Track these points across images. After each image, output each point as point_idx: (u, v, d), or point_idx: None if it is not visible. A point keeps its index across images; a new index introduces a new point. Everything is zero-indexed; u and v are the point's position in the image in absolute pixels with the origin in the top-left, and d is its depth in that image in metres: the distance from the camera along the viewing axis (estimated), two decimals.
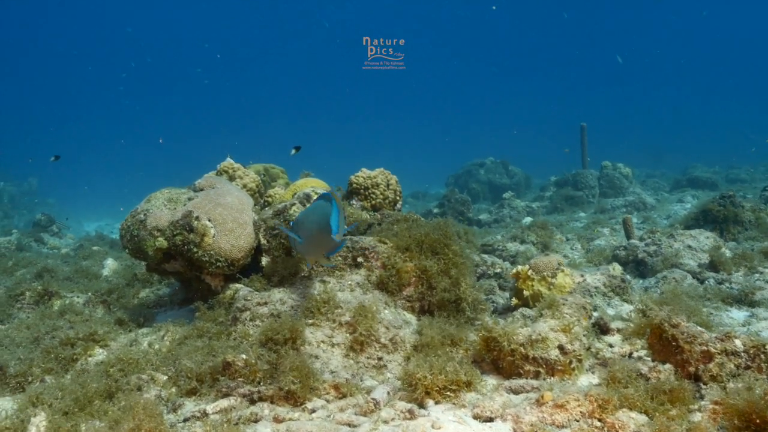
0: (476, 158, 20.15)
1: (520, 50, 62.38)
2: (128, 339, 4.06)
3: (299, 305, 3.60)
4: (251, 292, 3.77)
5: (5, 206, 20.15)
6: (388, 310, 3.70)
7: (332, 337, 3.37)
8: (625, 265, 5.89)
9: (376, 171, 4.94)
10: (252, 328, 3.48)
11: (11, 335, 4.20)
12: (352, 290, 3.78)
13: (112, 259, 7.48)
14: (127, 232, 4.23)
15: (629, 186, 14.30)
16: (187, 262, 4.18)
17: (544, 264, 4.24)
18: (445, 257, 3.97)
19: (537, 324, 3.13)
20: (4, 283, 6.43)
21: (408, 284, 3.92)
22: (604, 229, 8.57)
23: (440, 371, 2.81)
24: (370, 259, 3.97)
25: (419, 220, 4.46)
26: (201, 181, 4.60)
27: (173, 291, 5.31)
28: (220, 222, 4.07)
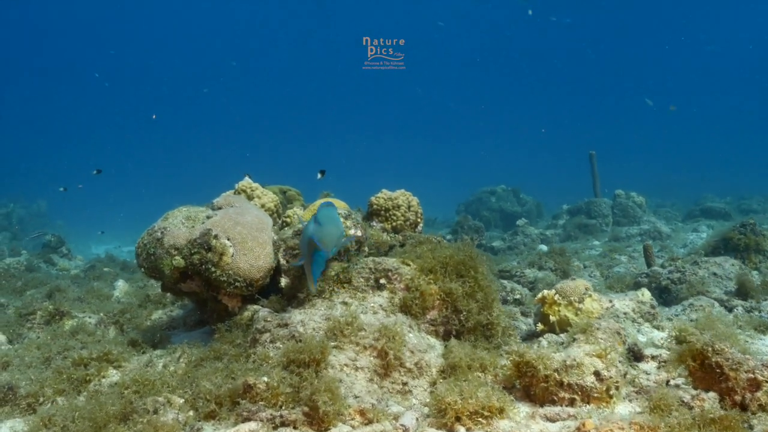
0: (487, 186, 20.09)
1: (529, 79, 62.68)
2: (142, 360, 3.95)
3: (321, 327, 3.48)
4: (271, 313, 3.66)
5: (14, 228, 20.14)
6: (413, 333, 3.58)
7: (356, 361, 3.25)
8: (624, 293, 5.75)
9: (397, 192, 4.85)
10: (272, 350, 3.36)
11: (22, 355, 4.10)
12: (375, 313, 3.66)
13: (123, 280, 7.38)
14: (144, 251, 4.14)
15: (643, 215, 14.17)
16: (204, 282, 4.08)
17: (571, 289, 4.12)
18: (470, 280, 3.86)
19: (571, 349, 3.00)
20: (14, 303, 6.34)
21: (432, 307, 3.80)
22: (622, 257, 8.44)
23: (471, 396, 2.69)
24: (393, 281, 3.86)
25: (442, 242, 4.35)
26: (219, 200, 4.52)
27: (186, 313, 5.20)
28: (239, 241, 3.97)
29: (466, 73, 64.75)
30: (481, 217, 17.96)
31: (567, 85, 62.57)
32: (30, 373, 3.63)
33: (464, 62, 63.90)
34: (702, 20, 54.69)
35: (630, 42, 58.43)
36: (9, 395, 3.19)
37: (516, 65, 61.40)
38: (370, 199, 4.88)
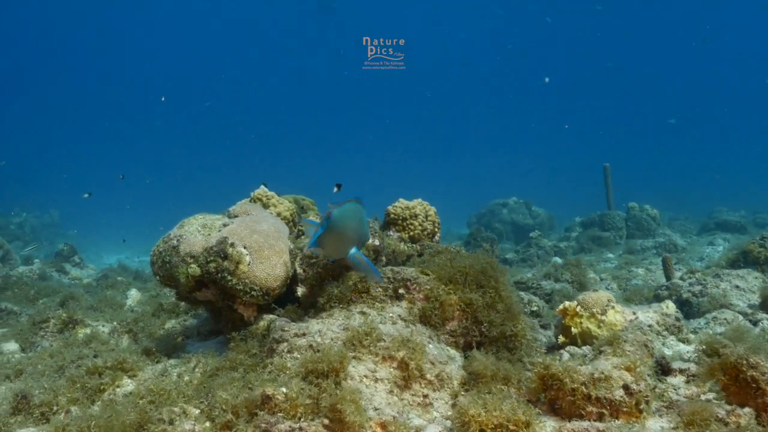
0: (499, 198, 20.02)
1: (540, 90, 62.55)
2: (156, 370, 3.89)
3: (339, 337, 3.41)
4: (288, 322, 3.59)
5: (27, 237, 20.23)
6: (433, 344, 3.50)
7: (375, 372, 3.17)
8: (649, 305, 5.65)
9: (415, 201, 4.79)
10: (290, 361, 3.29)
11: (35, 363, 4.05)
12: (394, 323, 3.59)
13: (136, 289, 7.34)
14: (159, 258, 4.09)
15: (657, 228, 14.03)
16: (219, 291, 4.02)
17: (594, 300, 4.03)
18: (491, 290, 3.78)
19: (598, 362, 2.92)
20: (27, 311, 6.31)
21: (452, 318, 3.73)
22: (639, 269, 8.33)
23: (495, 408, 2.60)
24: (411, 291, 3.79)
25: (461, 252, 4.28)
26: (235, 208, 4.47)
27: (200, 322, 5.14)
28: (255, 249, 3.92)
29: (477, 83, 64.83)
30: (492, 229, 17.87)
31: (579, 98, 62.45)
32: (43, 381, 3.58)
33: (475, 73, 63.96)
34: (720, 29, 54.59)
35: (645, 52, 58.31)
36: (22, 404, 3.14)
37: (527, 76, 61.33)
38: (387, 209, 4.82)
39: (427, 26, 59.70)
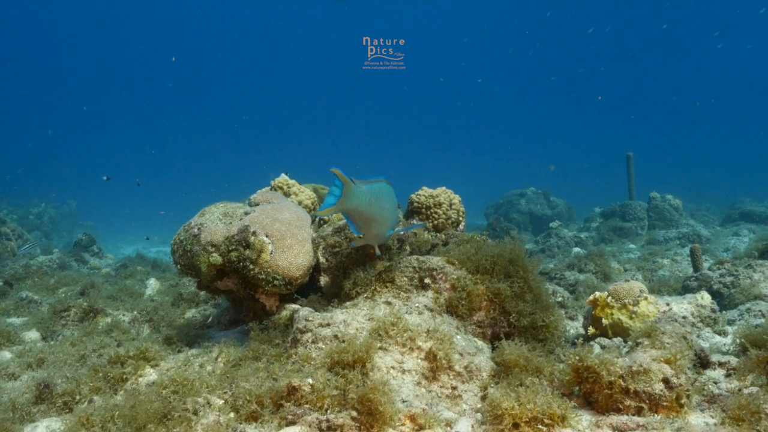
0: (516, 188, 19.84)
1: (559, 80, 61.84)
2: (178, 359, 3.83)
3: (365, 327, 3.33)
4: (312, 312, 3.51)
5: (46, 227, 20.37)
6: (460, 335, 3.41)
7: (403, 363, 3.09)
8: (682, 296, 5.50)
9: (439, 189, 4.69)
10: (314, 351, 3.21)
11: (56, 352, 4.01)
12: (420, 313, 3.50)
13: (155, 279, 7.31)
14: (180, 247, 4.03)
15: (679, 218, 13.79)
16: (241, 280, 3.95)
17: (625, 290, 3.91)
18: (519, 281, 3.68)
19: (636, 354, 2.80)
20: (47, 300, 6.29)
21: (479, 308, 3.63)
22: (664, 260, 8.16)
23: (529, 401, 2.51)
24: (438, 281, 3.69)
25: (487, 241, 4.17)
26: (256, 196, 4.40)
27: (221, 312, 5.09)
28: (278, 238, 3.84)
29: (494, 74, 64.25)
30: (510, 220, 17.71)
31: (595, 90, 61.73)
32: (65, 370, 3.54)
33: (493, 63, 63.37)
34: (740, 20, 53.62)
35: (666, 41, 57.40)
36: (45, 393, 3.09)
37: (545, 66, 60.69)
38: (410, 197, 4.72)
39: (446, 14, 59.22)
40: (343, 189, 3.32)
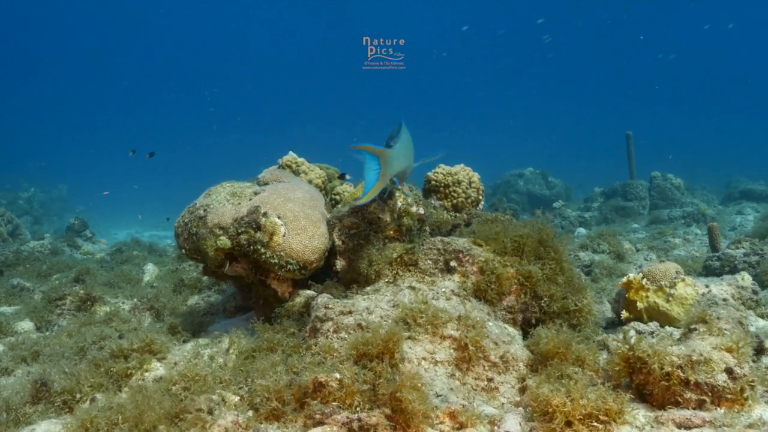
0: (514, 169, 19.60)
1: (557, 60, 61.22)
2: (184, 350, 3.57)
3: (390, 315, 3.08)
4: (331, 299, 3.26)
5: (36, 212, 19.97)
6: (492, 322, 3.16)
7: (434, 354, 2.84)
8: (720, 277, 5.29)
9: (457, 167, 4.42)
10: (337, 341, 2.96)
11: (52, 344, 3.75)
12: (448, 299, 3.26)
13: (153, 264, 7.03)
14: (184, 230, 3.75)
15: (681, 197, 13.60)
16: (251, 265, 3.69)
17: (661, 272, 3.68)
18: (551, 262, 3.44)
19: (693, 342, 2.57)
20: (40, 288, 6.01)
21: (509, 293, 3.38)
22: (675, 239, 7.95)
23: (582, 396, 2.27)
24: (464, 264, 3.44)
25: (512, 220, 3.92)
26: (265, 175, 4.12)
27: (226, 298, 4.82)
28: (291, 219, 3.57)
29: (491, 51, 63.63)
30: (509, 200, 17.48)
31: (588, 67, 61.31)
32: (63, 365, 3.28)
33: (487, 40, 62.70)
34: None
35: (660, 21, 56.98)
36: (42, 391, 2.82)
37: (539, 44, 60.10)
38: (427, 175, 4.46)
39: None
40: (379, 160, 3.13)
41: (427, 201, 4.13)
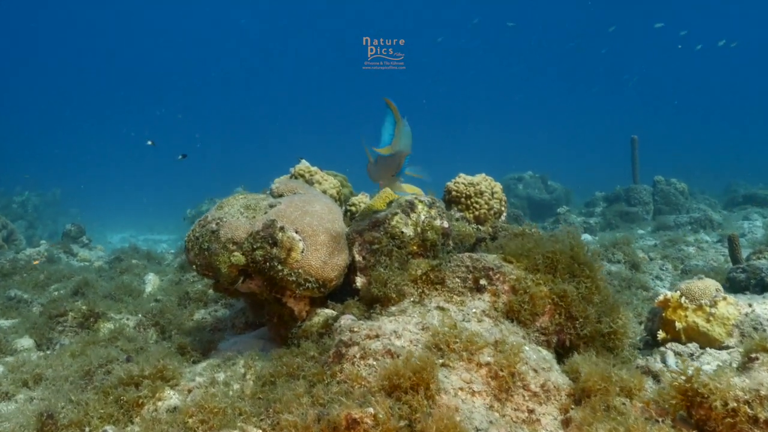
0: (513, 173, 19.45)
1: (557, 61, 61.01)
2: (195, 372, 3.36)
3: (419, 339, 2.88)
4: (355, 321, 3.05)
5: (30, 216, 19.66)
6: (528, 346, 2.96)
7: (471, 383, 2.63)
8: (746, 290, 5.11)
9: (478, 177, 4.23)
10: (364, 369, 2.74)
11: (55, 366, 3.52)
12: (479, 320, 3.05)
13: (153, 273, 6.80)
14: (195, 245, 3.54)
15: (685, 202, 13.46)
16: (266, 282, 3.48)
17: (700, 290, 3.49)
18: (586, 280, 3.24)
19: (757, 373, 2.38)
20: (38, 300, 5.78)
21: (542, 313, 3.19)
22: (689, 248, 7.77)
23: None
24: (495, 282, 3.24)
25: (539, 233, 3.73)
26: (279, 186, 3.91)
27: (234, 313, 4.61)
28: (309, 234, 3.36)
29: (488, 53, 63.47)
30: (508, 205, 17.31)
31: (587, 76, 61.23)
32: (68, 390, 3.06)
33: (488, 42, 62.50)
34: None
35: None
36: (49, 425, 2.61)
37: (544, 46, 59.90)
38: (447, 185, 4.25)
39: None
40: (395, 127, 3.08)
41: (450, 213, 3.93)
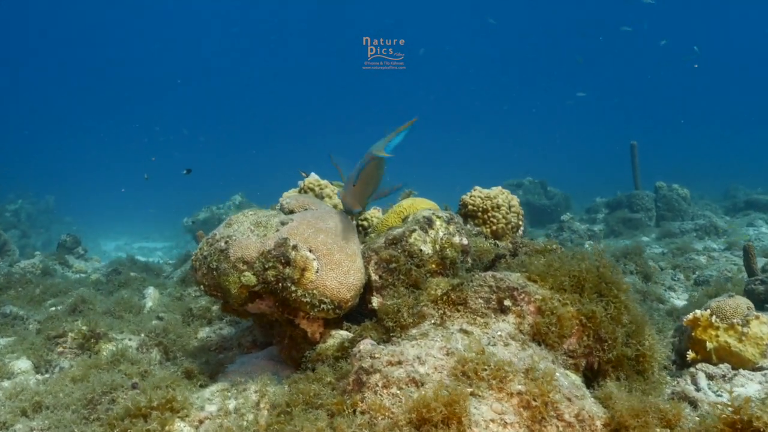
0: (512, 178, 19.34)
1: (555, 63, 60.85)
2: (203, 398, 3.19)
3: (444, 366, 2.72)
4: (376, 346, 2.89)
5: (23, 225, 19.42)
6: (558, 372, 2.81)
7: (503, 414, 2.48)
8: (765, 303, 4.98)
9: (495, 190, 4.08)
10: (387, 398, 2.59)
11: (56, 392, 3.35)
12: (506, 344, 2.90)
13: (153, 287, 6.62)
14: (203, 265, 3.38)
15: (688, 208, 13.35)
16: (278, 303, 3.32)
17: (732, 308, 3.35)
18: (615, 300, 3.09)
19: None
20: (34, 316, 5.59)
21: (569, 335, 3.04)
22: (699, 257, 7.64)
23: None
24: (519, 303, 3.09)
25: (563, 250, 3.58)
26: (290, 201, 3.75)
27: (240, 332, 4.44)
28: (324, 253, 3.21)
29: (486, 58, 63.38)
30: None
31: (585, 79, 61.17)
32: (71, 421, 2.89)
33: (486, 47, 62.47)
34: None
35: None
36: None
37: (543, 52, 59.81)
38: (462, 199, 4.11)
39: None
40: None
41: (468, 229, 3.78)
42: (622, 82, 59.37)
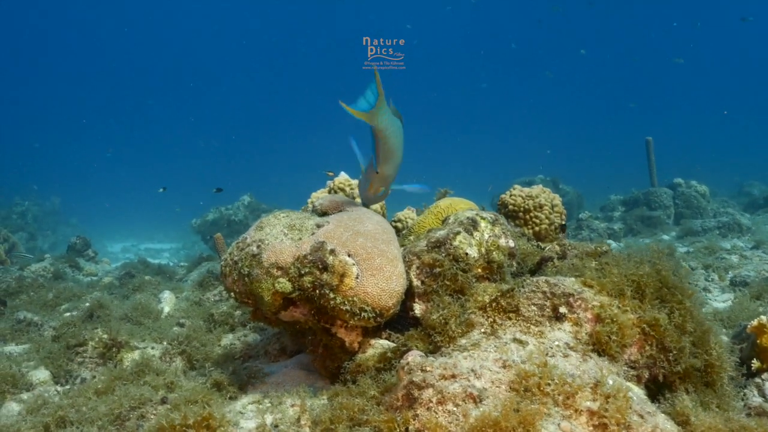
0: (524, 176, 19.11)
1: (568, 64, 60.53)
2: (234, 411, 2.99)
3: (501, 380, 2.51)
4: (425, 358, 2.68)
5: (30, 227, 19.28)
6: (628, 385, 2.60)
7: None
8: None
9: (536, 189, 3.88)
10: (443, 417, 2.38)
11: (79, 405, 3.15)
12: (565, 355, 2.69)
13: (169, 291, 6.43)
14: (233, 270, 3.17)
15: (707, 205, 13.12)
16: (315, 311, 3.11)
17: None
18: (678, 307, 2.88)
19: None
20: (49, 323, 5.41)
21: (631, 344, 2.82)
22: (731, 257, 7.41)
23: None
24: (575, 310, 2.88)
25: (616, 253, 3.37)
26: (323, 202, 3.55)
27: (266, 339, 4.24)
28: (363, 257, 3.00)
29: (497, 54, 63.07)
30: None
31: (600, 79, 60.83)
32: None
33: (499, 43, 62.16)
34: None
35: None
36: None
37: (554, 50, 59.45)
38: (502, 198, 3.90)
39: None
40: (376, 101, 3.07)
41: (514, 231, 3.57)
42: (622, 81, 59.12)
